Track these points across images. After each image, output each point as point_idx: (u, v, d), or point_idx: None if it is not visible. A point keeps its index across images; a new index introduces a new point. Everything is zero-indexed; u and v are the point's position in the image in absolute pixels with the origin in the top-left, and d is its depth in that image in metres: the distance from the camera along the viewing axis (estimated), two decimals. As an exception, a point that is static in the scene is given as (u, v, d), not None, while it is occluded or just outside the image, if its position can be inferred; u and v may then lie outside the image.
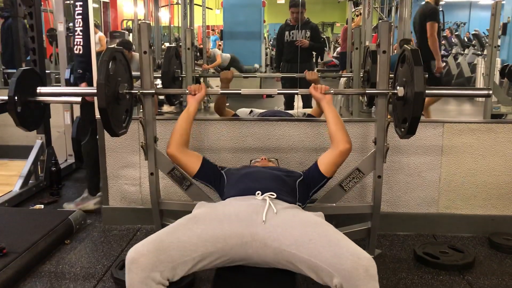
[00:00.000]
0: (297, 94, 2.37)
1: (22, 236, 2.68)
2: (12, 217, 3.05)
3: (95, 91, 2.02)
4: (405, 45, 2.12)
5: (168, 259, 1.61)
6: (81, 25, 3.01)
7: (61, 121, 4.33)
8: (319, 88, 2.32)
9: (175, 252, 1.63)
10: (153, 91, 2.34)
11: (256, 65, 7.45)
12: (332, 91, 2.32)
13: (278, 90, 2.44)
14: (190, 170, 2.28)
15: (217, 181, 2.26)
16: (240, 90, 2.37)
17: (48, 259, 2.65)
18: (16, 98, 2.18)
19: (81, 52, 3.02)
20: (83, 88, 3.00)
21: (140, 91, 2.29)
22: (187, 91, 2.36)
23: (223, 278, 1.74)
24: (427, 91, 1.98)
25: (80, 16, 3.01)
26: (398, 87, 2.14)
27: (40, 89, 2.32)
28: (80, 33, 3.02)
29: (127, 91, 2.23)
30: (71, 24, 4.27)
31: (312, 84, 2.37)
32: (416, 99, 1.94)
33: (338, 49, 9.60)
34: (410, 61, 2.00)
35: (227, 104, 3.40)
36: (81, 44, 3.02)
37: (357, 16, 6.10)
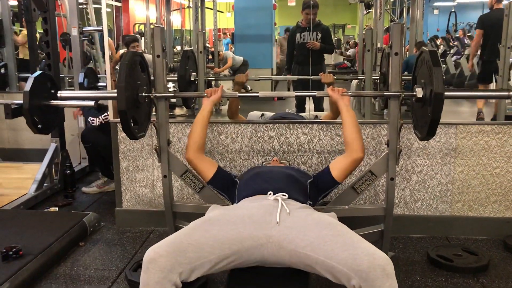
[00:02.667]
0: (315, 96, 2.35)
1: (37, 238, 2.71)
2: (28, 219, 3.08)
3: (115, 94, 2.04)
4: (423, 47, 2.11)
5: (186, 260, 1.62)
6: None
7: (75, 124, 4.38)
8: (337, 90, 2.32)
9: (193, 254, 1.64)
10: (171, 94, 2.36)
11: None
12: (350, 93, 2.32)
13: (295, 92, 2.41)
14: (204, 176, 2.30)
15: (230, 188, 2.26)
16: (258, 92, 2.37)
17: (63, 261, 2.68)
18: (31, 102, 2.21)
19: None
20: (102, 92, 3.03)
21: (155, 95, 2.31)
22: (205, 95, 2.39)
23: (236, 279, 1.75)
24: (446, 93, 1.96)
25: None
26: (416, 89, 2.14)
27: (61, 93, 2.38)
28: None
29: (146, 94, 2.25)
30: (84, 28, 4.33)
31: (330, 86, 2.37)
32: (435, 100, 1.93)
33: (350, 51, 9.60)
34: (428, 62, 1.98)
35: (239, 107, 3.41)
36: None
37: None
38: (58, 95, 2.36)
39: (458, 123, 2.93)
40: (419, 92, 2.11)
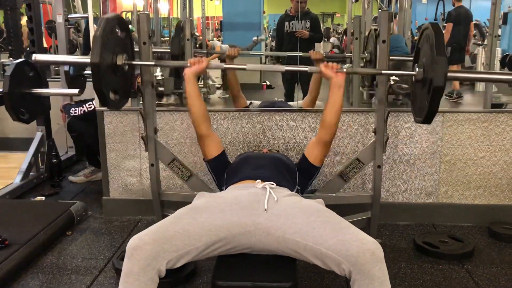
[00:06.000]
0: (306, 71, 2.25)
1: (23, 228, 2.69)
2: (14, 209, 3.06)
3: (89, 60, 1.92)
4: (430, 24, 1.97)
5: (172, 248, 1.61)
6: None
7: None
8: (331, 66, 2.13)
9: (180, 242, 1.63)
10: (153, 62, 2.29)
11: (255, 38, 7.33)
12: (344, 70, 2.14)
13: (286, 67, 2.31)
14: (208, 153, 2.25)
15: (222, 172, 2.23)
16: (246, 65, 2.25)
17: (50, 251, 2.66)
18: (11, 90, 2.17)
19: None
20: (79, 57, 2.96)
21: (138, 63, 2.23)
22: (188, 64, 2.20)
23: (223, 267, 1.75)
24: (449, 74, 1.84)
25: None
26: (417, 69, 2.03)
27: (36, 56, 2.23)
28: None
29: (126, 62, 2.11)
30: (70, 16, 4.27)
31: (324, 62, 2.17)
32: (434, 93, 1.85)
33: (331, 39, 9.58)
34: (432, 47, 1.87)
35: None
36: None
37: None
38: (33, 58, 2.22)
39: (445, 111, 2.95)
40: (419, 74, 2.01)
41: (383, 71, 2.23)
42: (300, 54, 4.27)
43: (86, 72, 3.77)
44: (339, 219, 1.72)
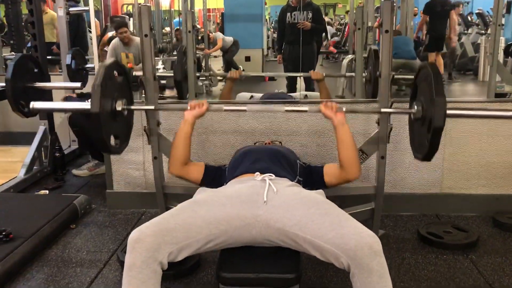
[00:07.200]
0: (306, 111, 2.14)
1: (28, 222, 2.70)
2: (18, 203, 3.07)
3: (89, 107, 1.87)
4: (427, 63, 1.96)
5: (173, 240, 1.62)
6: None
7: (63, 107, 4.33)
8: (330, 107, 2.11)
9: (180, 234, 1.64)
10: (152, 107, 2.27)
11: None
12: (344, 109, 2.11)
13: (285, 107, 2.26)
14: (194, 181, 2.22)
15: (221, 178, 2.19)
16: (246, 107, 2.28)
17: (54, 244, 2.67)
18: (13, 85, 2.16)
19: None
20: (77, 104, 2.99)
21: (139, 108, 2.24)
22: (188, 108, 2.19)
23: (228, 259, 1.75)
24: (448, 112, 1.82)
25: None
26: (416, 107, 2.00)
27: (33, 104, 2.19)
28: None
29: (125, 107, 2.09)
30: (71, 9, 4.25)
31: (323, 102, 2.14)
32: (434, 134, 1.82)
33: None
34: (431, 86, 1.84)
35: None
36: None
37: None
38: (31, 107, 2.18)
39: (448, 100, 2.91)
40: (417, 112, 1.99)
41: (382, 110, 2.20)
42: (301, 74, 4.28)
43: (88, 65, 3.76)
44: (339, 211, 1.72)
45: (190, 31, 3.95)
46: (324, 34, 6.96)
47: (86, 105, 2.02)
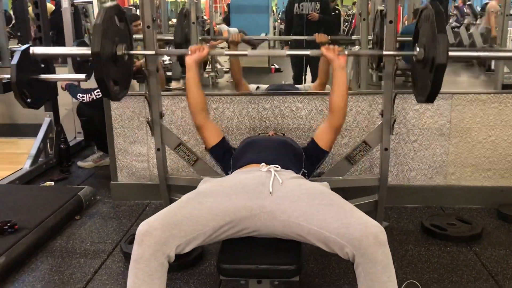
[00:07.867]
0: (308, 55, 2.24)
1: (33, 213, 2.72)
2: (23, 194, 3.09)
3: (89, 52, 1.91)
4: (429, 3, 1.92)
5: (181, 233, 1.62)
6: None
7: (69, 98, 4.33)
8: (332, 49, 2.14)
9: (188, 227, 1.64)
10: (153, 52, 2.25)
11: (263, 35, 7.32)
12: (346, 52, 2.16)
13: (287, 51, 2.32)
14: (207, 142, 2.25)
15: (226, 158, 2.22)
16: (247, 51, 2.27)
17: (59, 235, 2.69)
18: (18, 76, 2.17)
19: None
20: (77, 48, 2.97)
21: (138, 52, 2.23)
22: (189, 52, 2.20)
23: (228, 250, 1.76)
24: (450, 53, 1.79)
25: None
26: (418, 48, 2.01)
27: (34, 49, 2.22)
28: None
29: (126, 52, 2.09)
30: (75, 0, 4.24)
31: (325, 45, 2.18)
32: (437, 71, 1.81)
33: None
34: (433, 24, 1.83)
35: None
36: None
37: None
38: (31, 52, 2.20)
39: (454, 92, 2.90)
40: (419, 54, 1.99)
41: (384, 52, 2.19)
42: (306, 38, 4.22)
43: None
44: (343, 202, 1.72)
45: (194, 22, 3.92)
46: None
47: (86, 50, 2.04)
